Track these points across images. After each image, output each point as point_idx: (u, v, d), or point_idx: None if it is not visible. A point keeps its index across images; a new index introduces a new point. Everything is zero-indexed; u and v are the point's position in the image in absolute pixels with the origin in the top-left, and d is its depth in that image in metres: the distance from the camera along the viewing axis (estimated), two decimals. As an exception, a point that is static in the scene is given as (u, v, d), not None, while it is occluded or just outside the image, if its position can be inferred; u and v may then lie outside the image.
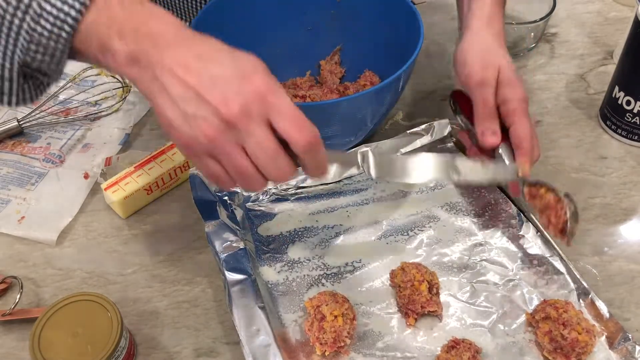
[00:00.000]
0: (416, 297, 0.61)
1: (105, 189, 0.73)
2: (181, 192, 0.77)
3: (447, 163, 0.61)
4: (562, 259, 0.65)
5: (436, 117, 0.83)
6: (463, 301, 0.63)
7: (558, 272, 0.65)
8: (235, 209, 0.72)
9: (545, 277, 0.65)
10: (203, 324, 0.64)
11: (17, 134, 0.84)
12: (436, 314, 0.62)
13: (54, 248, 0.72)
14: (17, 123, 0.83)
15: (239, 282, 0.64)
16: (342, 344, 0.59)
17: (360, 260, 0.68)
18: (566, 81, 0.90)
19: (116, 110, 0.87)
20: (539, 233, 0.68)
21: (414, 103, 0.88)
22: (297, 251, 0.69)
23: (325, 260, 0.68)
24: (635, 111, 0.77)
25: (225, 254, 0.66)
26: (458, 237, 0.69)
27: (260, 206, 0.73)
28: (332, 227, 0.71)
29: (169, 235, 0.73)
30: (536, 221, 0.68)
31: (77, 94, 0.89)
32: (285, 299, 0.64)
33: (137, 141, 0.84)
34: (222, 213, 0.70)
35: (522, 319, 0.62)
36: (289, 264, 0.67)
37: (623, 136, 0.80)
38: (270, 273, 0.67)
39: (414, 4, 0.77)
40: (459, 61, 0.68)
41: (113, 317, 0.58)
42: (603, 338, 0.59)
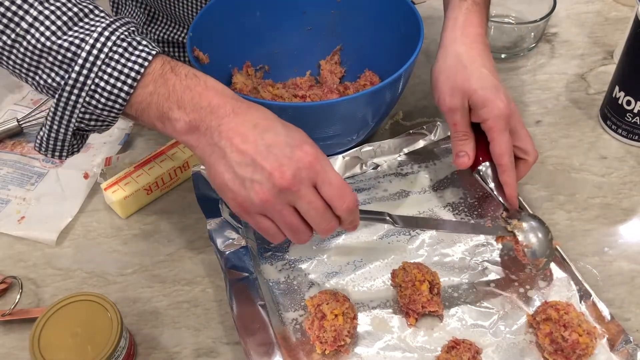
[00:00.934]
0: (417, 297, 0.61)
1: (105, 189, 0.73)
2: (181, 192, 0.77)
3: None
4: (564, 260, 0.65)
5: (436, 117, 0.83)
6: (464, 301, 0.63)
7: (559, 274, 0.65)
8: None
9: (546, 279, 0.65)
10: (203, 324, 0.64)
11: (17, 134, 0.84)
12: (437, 314, 0.62)
13: (54, 248, 0.72)
14: (17, 123, 0.83)
15: (240, 280, 0.64)
16: (343, 343, 0.59)
17: (361, 259, 0.68)
18: (566, 81, 0.90)
19: (116, 110, 0.87)
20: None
21: (414, 103, 0.88)
22: (299, 250, 0.69)
23: (326, 259, 0.68)
24: (635, 111, 0.77)
25: (226, 252, 0.66)
26: (460, 238, 0.69)
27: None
28: (333, 227, 0.71)
29: (169, 235, 0.73)
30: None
31: (77, 94, 0.89)
32: (286, 298, 0.64)
33: (137, 141, 0.84)
34: (224, 211, 0.70)
35: (523, 320, 0.62)
36: (290, 263, 0.67)
37: (623, 136, 0.80)
38: (271, 271, 0.67)
39: (414, 4, 0.77)
40: (432, 85, 0.69)
41: (113, 317, 0.58)
42: (604, 340, 0.59)
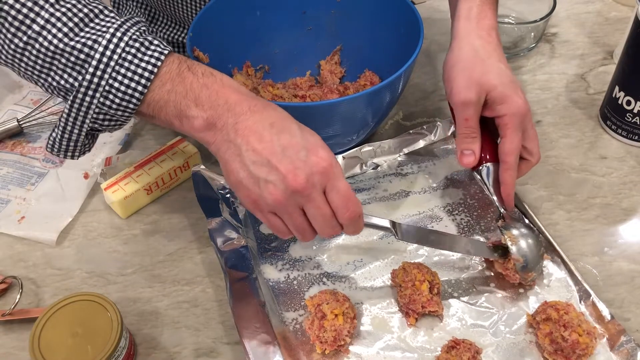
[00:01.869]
0: (417, 297, 0.61)
1: (105, 189, 0.73)
2: (181, 192, 0.77)
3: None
4: (564, 261, 0.65)
5: (436, 117, 0.83)
6: (464, 301, 0.63)
7: (559, 274, 0.65)
8: (237, 207, 0.72)
9: (546, 279, 0.65)
10: (203, 324, 0.64)
11: (17, 134, 0.84)
12: (437, 314, 0.62)
13: (54, 248, 0.72)
14: (17, 123, 0.83)
15: (241, 280, 0.64)
16: (342, 343, 0.59)
17: (361, 259, 0.68)
18: (566, 81, 0.90)
19: (116, 110, 0.87)
20: (541, 235, 0.68)
21: (414, 103, 0.88)
22: (299, 250, 0.69)
23: (326, 259, 0.68)
24: (635, 111, 0.77)
25: (227, 251, 0.66)
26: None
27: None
28: (333, 227, 0.71)
29: (169, 235, 0.73)
30: (539, 223, 0.68)
31: (77, 94, 0.89)
32: (286, 297, 0.64)
33: (137, 141, 0.84)
34: (225, 210, 0.70)
35: (523, 320, 0.62)
36: (291, 263, 0.67)
37: (623, 136, 0.80)
38: (271, 271, 0.67)
39: (414, 4, 0.77)
40: (445, 76, 0.66)
41: (113, 317, 0.58)
42: (604, 340, 0.59)
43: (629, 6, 1.02)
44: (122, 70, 0.54)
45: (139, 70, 0.54)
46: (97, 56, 0.54)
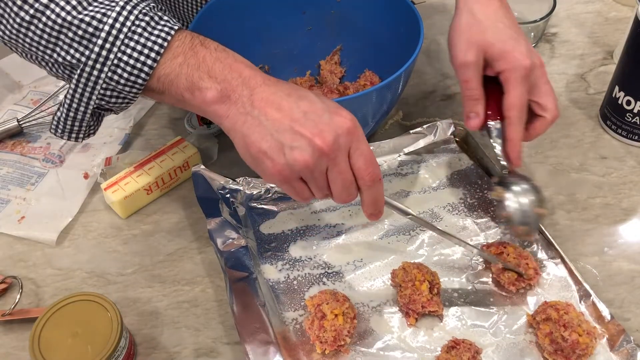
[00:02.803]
0: (417, 297, 0.61)
1: (105, 189, 0.73)
2: (181, 192, 0.77)
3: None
4: (564, 261, 0.65)
5: (436, 117, 0.83)
6: (464, 302, 0.63)
7: (559, 274, 0.65)
8: (237, 207, 0.72)
9: (546, 279, 0.65)
10: (203, 324, 0.64)
11: (17, 134, 0.84)
12: (437, 314, 0.62)
13: (54, 248, 0.72)
14: (17, 123, 0.83)
15: (240, 280, 0.64)
16: (343, 343, 0.59)
17: (361, 259, 0.68)
18: (566, 81, 0.90)
19: (116, 110, 0.87)
20: (540, 234, 0.68)
21: (414, 103, 0.88)
22: (299, 250, 0.69)
23: (326, 259, 0.68)
24: (635, 111, 0.77)
25: (226, 252, 0.66)
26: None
27: (262, 204, 0.73)
28: (334, 226, 0.71)
29: (169, 235, 0.73)
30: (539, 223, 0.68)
31: (77, 94, 0.89)
32: (286, 297, 0.64)
33: (137, 141, 0.84)
34: (224, 210, 0.70)
35: (523, 320, 0.62)
36: (291, 263, 0.67)
37: (623, 136, 0.80)
38: (271, 271, 0.67)
39: (414, 4, 0.77)
40: (448, 43, 0.67)
41: (113, 317, 0.58)
42: (604, 340, 0.59)
43: (629, 6, 1.02)
44: (132, 43, 0.53)
45: (149, 43, 0.53)
46: (106, 29, 0.52)
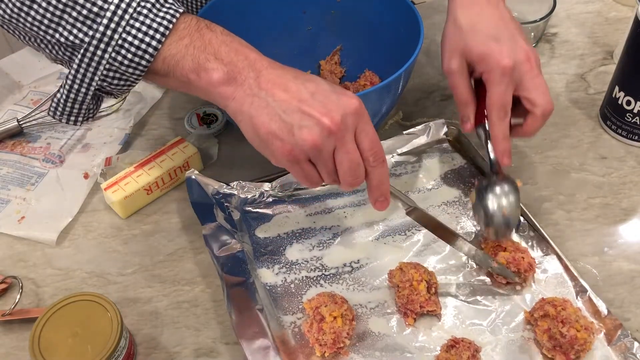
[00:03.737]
0: (415, 297, 0.61)
1: (105, 189, 0.73)
2: (181, 192, 0.77)
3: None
4: (560, 257, 0.65)
5: (436, 117, 0.83)
6: (462, 300, 0.63)
7: (556, 270, 0.65)
8: (232, 212, 0.72)
9: (543, 276, 0.65)
10: (203, 324, 0.64)
11: (17, 134, 0.84)
12: (435, 314, 0.62)
13: (54, 248, 0.72)
14: (17, 123, 0.83)
15: (237, 285, 0.64)
16: (342, 345, 0.59)
17: (358, 260, 0.68)
18: (566, 81, 0.90)
19: (116, 110, 0.87)
20: (536, 232, 0.68)
21: (414, 103, 0.88)
22: (295, 253, 0.69)
23: (323, 261, 0.68)
24: (635, 111, 0.77)
25: (223, 257, 0.66)
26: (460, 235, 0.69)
27: (257, 208, 0.73)
28: (330, 228, 0.71)
29: (169, 235, 0.73)
30: (534, 220, 0.68)
31: (77, 94, 0.89)
32: (283, 301, 0.64)
33: (137, 141, 0.85)
34: (219, 215, 0.70)
35: (521, 317, 0.62)
36: (287, 266, 0.67)
37: (623, 136, 0.80)
38: (268, 275, 0.67)
39: (414, 4, 0.77)
40: (440, 52, 0.68)
41: (113, 317, 0.58)
42: (601, 335, 0.60)
43: (629, 6, 1.02)
44: (137, 24, 0.53)
45: (154, 24, 0.53)
46: (112, 8, 0.52)
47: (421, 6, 1.04)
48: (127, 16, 0.53)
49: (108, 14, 0.52)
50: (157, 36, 0.53)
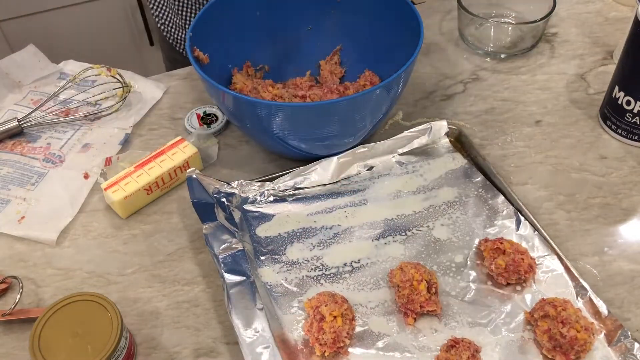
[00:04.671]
0: (415, 297, 0.61)
1: (105, 189, 0.73)
2: (181, 192, 0.77)
3: None
4: (560, 258, 0.65)
5: (436, 117, 0.83)
6: (462, 300, 0.63)
7: (556, 271, 0.65)
8: (233, 211, 0.72)
9: (543, 276, 0.65)
10: (203, 324, 0.64)
11: (17, 134, 0.84)
12: (435, 314, 0.62)
13: (54, 248, 0.72)
14: (17, 123, 0.83)
15: (238, 284, 0.64)
16: (342, 344, 0.59)
17: (358, 260, 0.68)
18: (566, 81, 0.90)
19: (116, 110, 0.87)
20: (536, 232, 0.68)
21: (414, 103, 0.88)
22: (296, 252, 0.69)
23: (323, 260, 0.68)
24: (635, 111, 0.77)
25: (223, 256, 0.66)
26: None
27: (258, 207, 0.73)
28: (331, 228, 0.71)
29: (169, 235, 0.73)
30: (534, 220, 0.68)
31: (77, 94, 0.89)
32: (284, 300, 0.64)
33: (137, 141, 0.85)
34: (220, 215, 0.70)
35: (521, 318, 0.62)
36: (288, 265, 0.67)
37: (623, 136, 0.80)
38: (269, 274, 0.67)
39: (414, 4, 0.77)
40: None
41: (113, 317, 0.58)
42: (602, 335, 0.59)
43: (629, 6, 1.02)
44: None
45: None
46: None
47: (421, 6, 1.04)
48: None
49: None
50: None
